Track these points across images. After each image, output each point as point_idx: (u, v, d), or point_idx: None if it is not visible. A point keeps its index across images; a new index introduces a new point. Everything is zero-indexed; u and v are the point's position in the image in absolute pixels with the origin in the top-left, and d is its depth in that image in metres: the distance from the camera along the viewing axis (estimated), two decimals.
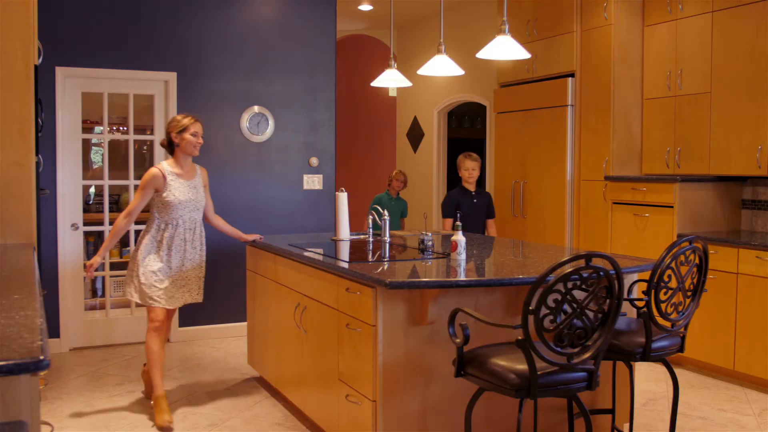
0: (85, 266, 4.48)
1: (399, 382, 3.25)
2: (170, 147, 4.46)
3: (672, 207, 5.38)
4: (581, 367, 2.76)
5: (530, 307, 2.61)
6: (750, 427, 4.20)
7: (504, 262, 3.91)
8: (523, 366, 2.70)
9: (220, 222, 4.74)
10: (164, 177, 4.34)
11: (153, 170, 4.35)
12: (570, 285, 2.64)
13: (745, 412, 4.45)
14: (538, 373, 2.67)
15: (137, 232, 6.33)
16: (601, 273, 2.67)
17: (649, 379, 5.09)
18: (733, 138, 5.30)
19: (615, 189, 5.88)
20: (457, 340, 2.89)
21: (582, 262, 2.65)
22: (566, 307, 2.68)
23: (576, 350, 2.71)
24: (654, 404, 4.58)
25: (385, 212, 4.83)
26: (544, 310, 2.63)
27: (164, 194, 4.33)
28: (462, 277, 3.32)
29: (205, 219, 4.61)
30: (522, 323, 2.63)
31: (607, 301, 2.72)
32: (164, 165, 4.40)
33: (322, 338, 3.80)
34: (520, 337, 2.64)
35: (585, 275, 2.65)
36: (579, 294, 2.68)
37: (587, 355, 2.73)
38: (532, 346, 2.64)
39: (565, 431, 3.51)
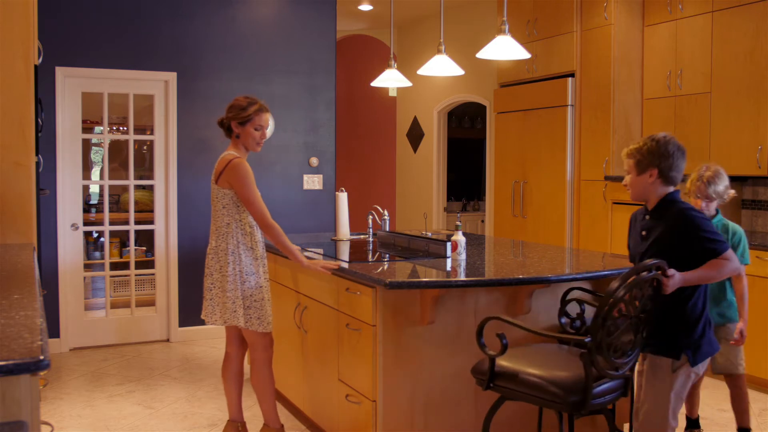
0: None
1: (399, 382, 3.25)
2: (228, 131, 3.69)
3: None
4: (623, 374, 2.70)
5: (602, 320, 2.50)
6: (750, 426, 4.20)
7: (504, 262, 3.91)
8: (564, 374, 2.64)
9: None
10: None
11: (241, 161, 3.53)
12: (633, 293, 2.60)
13: None
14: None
15: (137, 232, 6.35)
16: (656, 281, 2.64)
17: None
18: (733, 138, 5.30)
19: (615, 189, 5.88)
20: (491, 352, 2.76)
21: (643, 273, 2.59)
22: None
23: (627, 359, 2.65)
24: None
25: (385, 212, 4.83)
26: (609, 321, 2.55)
27: None
28: (462, 277, 3.32)
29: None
30: (592, 336, 2.53)
31: (649, 304, 2.66)
32: (234, 153, 3.61)
33: (322, 338, 3.80)
34: (584, 351, 2.57)
35: (643, 282, 2.59)
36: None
37: (632, 363, 2.68)
38: (594, 359, 2.55)
39: None
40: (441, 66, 4.61)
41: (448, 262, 3.71)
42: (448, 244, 3.82)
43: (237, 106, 3.61)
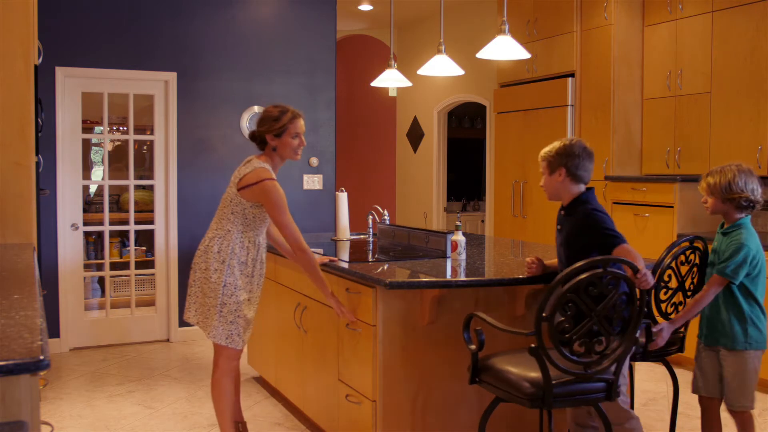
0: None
1: (399, 383, 3.25)
2: (261, 144, 3.53)
3: (672, 207, 5.38)
4: (600, 377, 2.68)
5: (543, 314, 2.54)
6: None
7: (504, 262, 3.91)
8: (537, 374, 2.62)
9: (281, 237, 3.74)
10: None
11: (275, 183, 3.37)
12: (587, 290, 2.57)
13: None
14: (553, 382, 2.60)
15: (138, 233, 6.35)
16: (621, 279, 2.61)
17: (649, 379, 5.08)
18: (733, 138, 5.30)
19: (615, 189, 5.88)
20: (472, 347, 2.83)
21: (599, 270, 2.57)
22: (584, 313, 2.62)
23: (594, 359, 2.63)
24: (654, 404, 4.58)
25: (385, 212, 4.83)
26: (558, 317, 2.56)
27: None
28: (462, 277, 3.32)
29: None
30: (535, 330, 2.56)
31: (629, 308, 2.65)
32: (266, 166, 3.44)
33: (322, 338, 3.80)
34: (533, 345, 2.57)
35: (603, 281, 2.58)
36: (595, 299, 2.61)
37: (606, 364, 2.65)
38: (546, 355, 2.56)
39: None
40: (441, 66, 4.61)
41: (448, 262, 3.71)
42: (449, 236, 3.81)
43: (269, 118, 3.46)
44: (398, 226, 4.66)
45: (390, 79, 5.14)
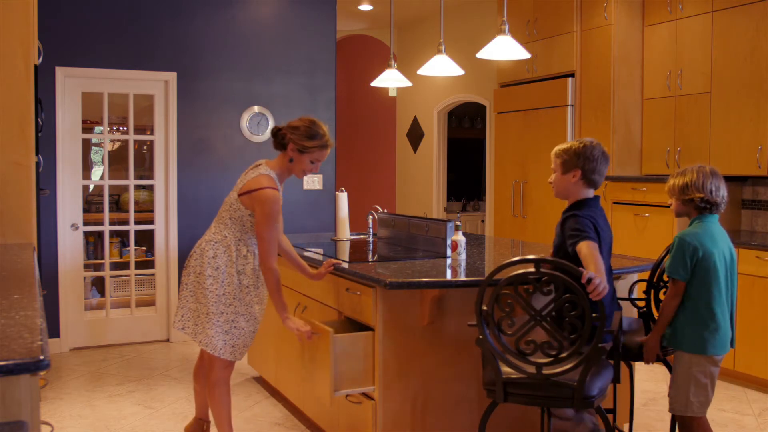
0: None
1: (399, 383, 3.25)
2: (280, 145, 3.42)
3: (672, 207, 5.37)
4: (563, 381, 2.60)
5: (482, 307, 2.60)
6: (750, 427, 4.20)
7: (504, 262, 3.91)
8: (506, 368, 2.67)
9: (286, 244, 3.71)
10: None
11: (274, 194, 3.27)
12: (531, 289, 2.57)
13: (745, 412, 4.45)
14: (505, 377, 2.66)
15: (138, 233, 6.35)
16: (558, 281, 2.52)
17: (649, 379, 5.08)
18: (733, 138, 5.30)
19: (615, 189, 5.88)
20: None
21: (530, 267, 2.54)
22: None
23: (546, 361, 2.57)
24: (654, 404, 4.58)
25: (385, 212, 4.82)
26: (498, 312, 2.59)
27: None
28: (462, 277, 3.32)
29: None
30: (476, 322, 2.63)
31: (573, 312, 2.53)
32: (272, 174, 3.35)
33: (323, 338, 3.79)
34: (480, 336, 2.63)
35: (537, 280, 2.53)
36: (542, 299, 2.57)
37: (563, 368, 2.57)
38: (490, 347, 2.62)
39: None
40: (441, 66, 4.61)
41: (448, 262, 3.71)
42: (449, 225, 3.82)
43: (304, 133, 3.33)
44: (398, 215, 4.65)
45: (390, 79, 5.15)
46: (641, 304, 3.48)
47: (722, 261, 2.99)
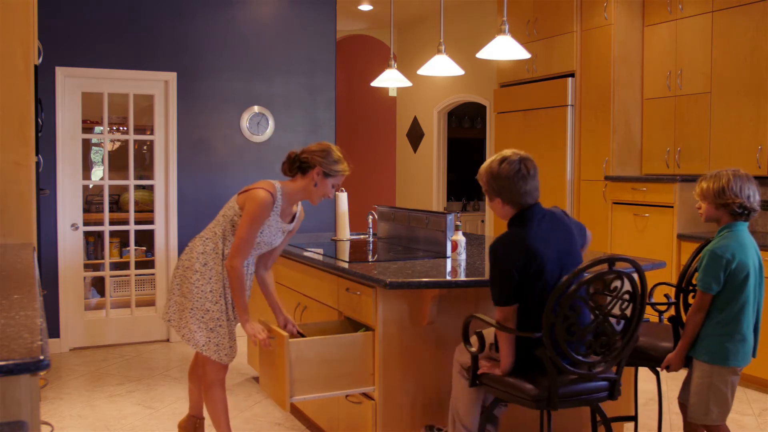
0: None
1: (399, 383, 3.25)
2: (298, 169, 3.37)
3: (672, 207, 5.38)
4: (603, 376, 2.68)
5: (551, 315, 2.53)
6: (750, 427, 4.20)
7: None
8: (542, 376, 2.62)
9: (270, 279, 3.65)
10: (273, 208, 3.32)
11: (269, 198, 3.25)
12: (592, 290, 2.57)
13: (745, 412, 4.45)
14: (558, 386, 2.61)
15: (137, 233, 6.34)
16: (625, 277, 2.57)
17: (649, 379, 5.08)
18: (733, 138, 5.30)
19: (615, 189, 5.88)
20: (472, 349, 2.80)
21: (605, 267, 2.56)
22: (588, 313, 2.60)
23: (598, 359, 2.63)
24: (654, 404, 4.58)
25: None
26: (564, 318, 2.55)
27: None
28: (462, 277, 3.32)
29: (257, 261, 3.55)
30: (543, 332, 2.55)
31: (630, 305, 2.62)
32: (278, 187, 3.35)
33: (278, 342, 3.78)
34: (540, 346, 2.56)
35: (608, 280, 2.55)
36: (601, 298, 2.60)
37: (609, 363, 2.65)
38: (553, 357, 2.56)
39: None
40: (441, 66, 4.61)
41: (448, 262, 3.71)
42: (449, 217, 3.81)
43: (331, 158, 3.32)
44: (398, 208, 4.65)
45: (390, 79, 5.15)
46: (662, 308, 3.39)
47: (754, 271, 2.89)
